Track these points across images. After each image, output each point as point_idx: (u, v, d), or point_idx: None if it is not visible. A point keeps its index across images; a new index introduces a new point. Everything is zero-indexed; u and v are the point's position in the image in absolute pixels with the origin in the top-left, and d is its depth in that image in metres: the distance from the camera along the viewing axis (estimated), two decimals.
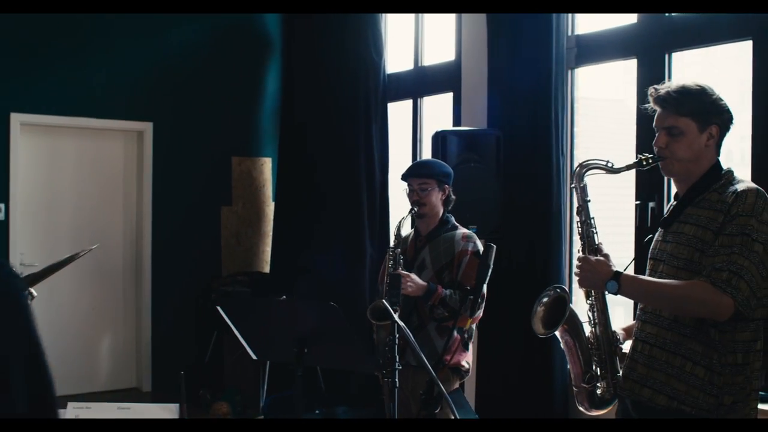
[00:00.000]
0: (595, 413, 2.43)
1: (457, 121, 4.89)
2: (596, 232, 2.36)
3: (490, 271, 2.40)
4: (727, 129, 2.24)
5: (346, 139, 5.45)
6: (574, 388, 2.42)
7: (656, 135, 2.26)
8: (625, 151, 4.33)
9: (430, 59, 5.39)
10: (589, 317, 2.39)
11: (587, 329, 2.42)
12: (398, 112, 5.63)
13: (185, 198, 6.17)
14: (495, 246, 2.40)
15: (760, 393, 2.26)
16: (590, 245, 2.35)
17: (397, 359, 2.46)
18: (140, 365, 6.11)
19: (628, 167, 2.32)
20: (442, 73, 5.13)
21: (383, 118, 5.45)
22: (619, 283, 2.18)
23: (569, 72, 4.36)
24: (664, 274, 2.22)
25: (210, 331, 5.87)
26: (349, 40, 5.47)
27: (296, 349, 2.52)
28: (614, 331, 2.40)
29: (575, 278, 2.32)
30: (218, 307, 2.57)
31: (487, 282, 2.47)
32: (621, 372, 2.36)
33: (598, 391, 2.39)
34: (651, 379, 2.22)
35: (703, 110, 2.19)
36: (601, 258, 2.27)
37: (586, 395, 2.40)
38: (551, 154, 4.07)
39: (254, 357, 2.78)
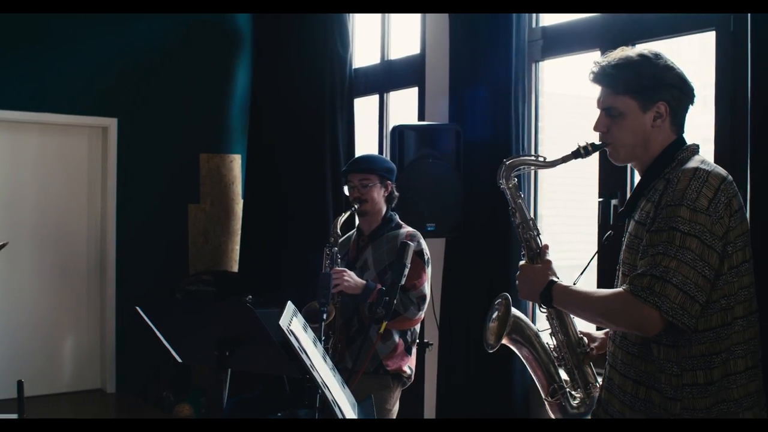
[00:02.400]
0: None
1: (421, 116, 4.76)
2: (537, 235, 2.11)
3: (407, 269, 2.26)
4: (684, 104, 1.93)
5: (312, 135, 5.32)
6: (545, 401, 2.23)
7: (597, 117, 1.96)
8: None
9: (396, 53, 5.26)
10: (550, 325, 2.16)
11: (550, 339, 2.20)
12: (366, 107, 5.50)
13: (151, 195, 6.03)
14: (411, 244, 2.26)
15: None
16: (530, 250, 2.10)
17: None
18: (104, 366, 5.98)
19: (564, 159, 2.03)
20: (408, 67, 5.00)
21: (349, 113, 5.32)
22: (551, 295, 1.94)
23: (534, 65, 4.23)
24: (619, 283, 1.95)
25: None
26: (315, 34, 5.34)
27: (217, 353, 2.40)
28: (581, 337, 2.15)
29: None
30: (137, 308, 2.44)
31: (403, 281, 2.32)
32: (599, 382, 2.13)
33: (574, 402, 2.16)
34: (610, 406, 1.96)
35: (644, 86, 1.88)
36: (539, 266, 2.03)
37: (558, 407, 2.19)
38: (511, 149, 3.93)
39: (179, 360, 2.64)
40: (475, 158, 4.08)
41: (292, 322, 1.68)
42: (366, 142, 5.48)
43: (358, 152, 5.34)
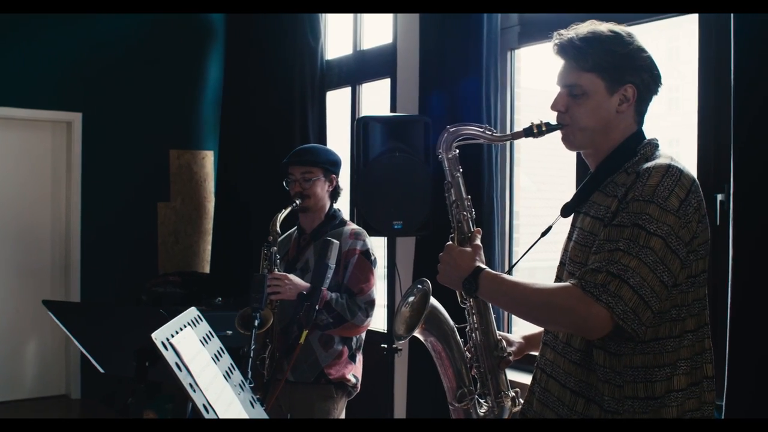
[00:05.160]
0: None
1: (394, 108, 4.52)
2: (470, 217, 1.89)
3: (331, 271, 2.01)
4: (651, 92, 1.74)
5: (282, 131, 5.09)
6: (449, 405, 2.00)
7: (556, 94, 1.76)
8: None
9: (369, 42, 5.02)
10: (468, 321, 1.92)
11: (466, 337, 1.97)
12: (339, 100, 5.26)
13: (118, 193, 5.80)
14: (336, 242, 2.01)
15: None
16: (461, 232, 1.87)
17: (250, 374, 2.07)
18: (69, 371, 5.75)
19: (514, 136, 1.84)
20: (380, 57, 4.76)
21: (321, 106, 5.09)
22: (478, 283, 1.71)
23: (510, 53, 3.98)
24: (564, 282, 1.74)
25: None
26: (286, 25, 5.12)
27: (136, 363, 2.16)
28: (500, 339, 1.91)
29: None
30: (43, 303, 2.20)
31: (326, 284, 2.07)
32: (511, 392, 1.92)
33: (481, 410, 1.94)
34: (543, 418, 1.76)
35: (614, 65, 1.68)
36: (467, 250, 1.79)
37: (463, 413, 1.97)
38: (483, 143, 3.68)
39: (101, 370, 2.40)
40: None
41: (181, 332, 1.44)
42: (339, 136, 5.24)
43: (330, 147, 5.10)
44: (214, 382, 1.44)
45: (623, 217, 1.57)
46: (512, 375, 3.52)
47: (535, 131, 1.77)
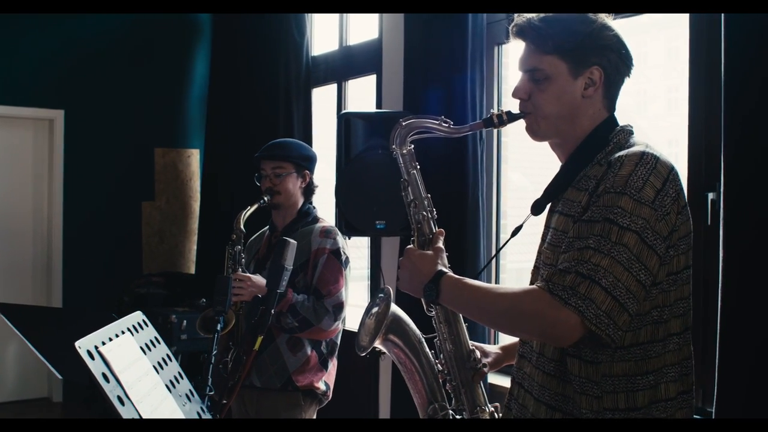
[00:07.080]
0: None
1: (379, 104, 4.41)
2: (431, 218, 1.76)
3: (287, 273, 1.89)
4: (620, 74, 1.60)
5: (267, 128, 4.97)
6: None
7: (518, 81, 1.63)
8: None
9: (356, 38, 4.91)
10: (437, 331, 1.77)
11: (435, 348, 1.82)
12: (326, 98, 5.15)
13: (101, 192, 5.69)
14: (294, 242, 1.89)
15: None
16: (421, 234, 1.75)
17: (210, 380, 1.96)
18: (51, 374, 5.60)
19: (473, 127, 1.71)
20: (367, 52, 4.64)
21: (306, 103, 4.98)
22: (439, 289, 1.58)
23: (497, 48, 3.87)
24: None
25: None
26: (271, 21, 5.01)
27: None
28: (473, 349, 1.76)
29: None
30: None
31: (282, 287, 1.96)
32: (489, 407, 1.76)
33: None
34: None
35: (577, 45, 1.55)
36: (428, 253, 1.66)
37: None
38: (467, 141, 3.57)
39: (59, 376, 2.30)
40: (427, 148, 3.71)
41: (116, 339, 1.32)
42: (325, 133, 5.13)
43: (315, 145, 4.99)
44: (151, 393, 1.33)
45: (593, 212, 1.44)
46: (500, 380, 3.43)
47: (495, 121, 1.64)
